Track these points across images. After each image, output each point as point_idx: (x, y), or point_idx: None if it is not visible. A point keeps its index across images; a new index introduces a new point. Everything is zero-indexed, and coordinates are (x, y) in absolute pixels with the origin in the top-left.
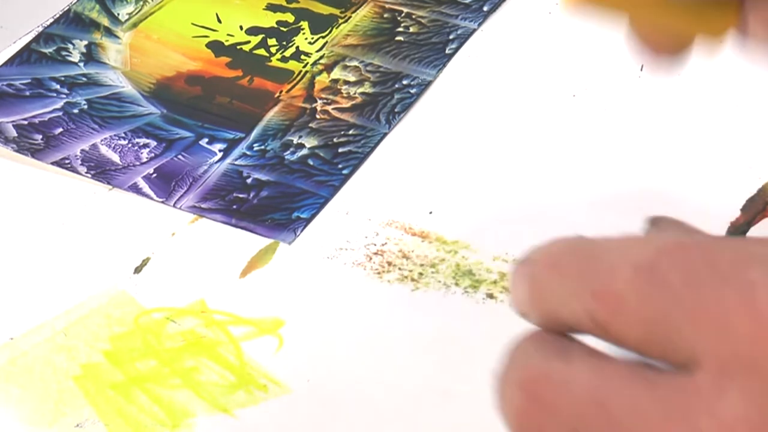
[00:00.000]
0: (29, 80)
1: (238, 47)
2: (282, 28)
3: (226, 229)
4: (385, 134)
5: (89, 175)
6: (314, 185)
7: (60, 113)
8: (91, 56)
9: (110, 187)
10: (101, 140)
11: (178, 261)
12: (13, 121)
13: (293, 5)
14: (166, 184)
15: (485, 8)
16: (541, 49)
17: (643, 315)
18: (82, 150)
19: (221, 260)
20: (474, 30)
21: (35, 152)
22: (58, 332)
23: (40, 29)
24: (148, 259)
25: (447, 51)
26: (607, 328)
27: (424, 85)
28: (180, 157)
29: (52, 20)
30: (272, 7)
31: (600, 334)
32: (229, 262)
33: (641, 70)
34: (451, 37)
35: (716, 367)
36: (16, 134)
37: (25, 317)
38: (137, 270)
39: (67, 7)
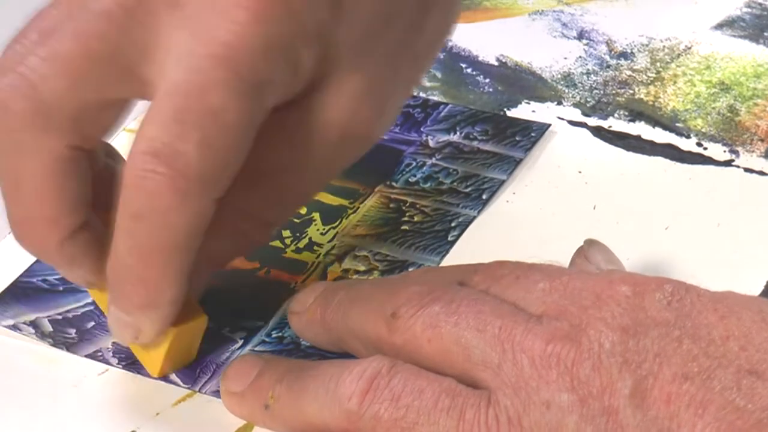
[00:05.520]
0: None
1: None
2: (295, 220)
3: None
4: None
5: (120, 366)
6: None
7: (92, 307)
8: None
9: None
10: None
11: None
12: (48, 316)
13: None
14: (192, 371)
15: (484, 197)
16: (538, 236)
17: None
18: (113, 342)
19: None
20: (474, 217)
21: (70, 346)
22: None
23: None
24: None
25: (449, 238)
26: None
27: None
28: (203, 345)
29: None
30: None
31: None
32: None
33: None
34: (452, 224)
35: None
36: (51, 329)
37: None
38: None
39: None
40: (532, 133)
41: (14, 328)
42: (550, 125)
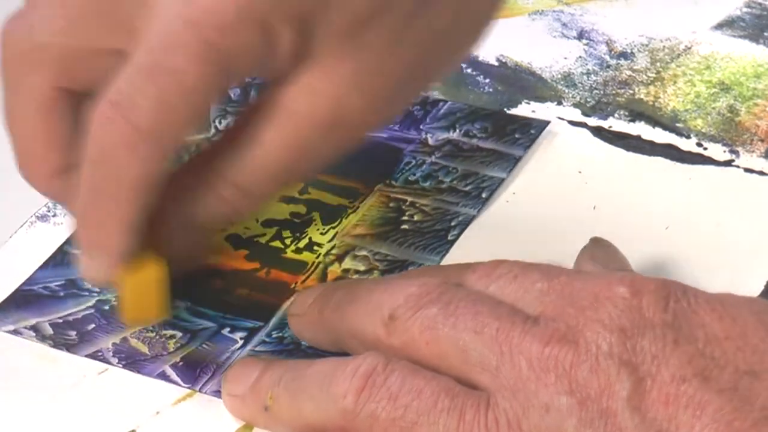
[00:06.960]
0: (63, 282)
1: (255, 239)
2: (295, 220)
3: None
4: None
5: (120, 366)
6: None
7: (92, 310)
8: None
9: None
10: (131, 333)
11: None
12: (49, 320)
13: (305, 196)
14: (192, 371)
15: (483, 195)
16: (538, 236)
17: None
18: (113, 343)
19: None
20: (474, 216)
21: (70, 347)
22: None
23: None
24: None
25: (449, 237)
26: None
27: None
28: (204, 345)
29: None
30: (285, 199)
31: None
32: None
33: None
34: (452, 223)
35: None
36: (52, 332)
37: None
38: None
39: None
40: (532, 131)
41: (15, 332)
42: (549, 122)
